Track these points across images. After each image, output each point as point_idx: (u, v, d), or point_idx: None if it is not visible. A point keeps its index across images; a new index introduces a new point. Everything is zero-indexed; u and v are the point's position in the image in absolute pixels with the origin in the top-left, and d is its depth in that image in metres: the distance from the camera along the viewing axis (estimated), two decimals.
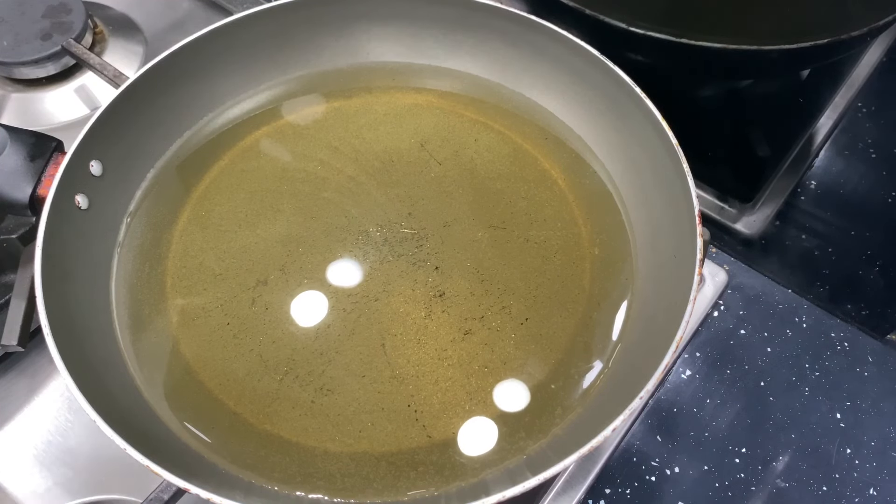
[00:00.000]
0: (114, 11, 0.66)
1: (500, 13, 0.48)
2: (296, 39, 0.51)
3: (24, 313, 0.42)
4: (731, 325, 0.50)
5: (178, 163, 0.48)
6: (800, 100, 0.61)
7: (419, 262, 0.44)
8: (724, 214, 0.57)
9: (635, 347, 0.40)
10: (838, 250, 0.56)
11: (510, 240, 0.45)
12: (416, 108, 0.51)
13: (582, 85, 0.48)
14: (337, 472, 0.37)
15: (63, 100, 0.59)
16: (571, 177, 0.48)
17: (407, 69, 0.53)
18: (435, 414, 0.39)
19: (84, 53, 0.54)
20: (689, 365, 0.48)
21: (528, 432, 0.38)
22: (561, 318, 0.42)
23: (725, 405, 0.47)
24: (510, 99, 0.51)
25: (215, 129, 0.49)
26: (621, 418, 0.33)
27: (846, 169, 0.61)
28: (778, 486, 0.44)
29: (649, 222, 0.45)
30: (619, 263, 0.44)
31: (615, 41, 0.48)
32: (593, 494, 0.43)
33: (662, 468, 0.44)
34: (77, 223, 0.41)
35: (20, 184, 0.41)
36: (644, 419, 0.46)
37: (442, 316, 0.42)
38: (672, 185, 0.42)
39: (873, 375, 0.48)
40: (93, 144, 0.42)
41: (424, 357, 0.40)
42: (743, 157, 0.60)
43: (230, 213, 0.45)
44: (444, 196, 0.46)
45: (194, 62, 0.47)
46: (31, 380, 0.46)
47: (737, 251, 0.54)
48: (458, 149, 0.49)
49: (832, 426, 0.46)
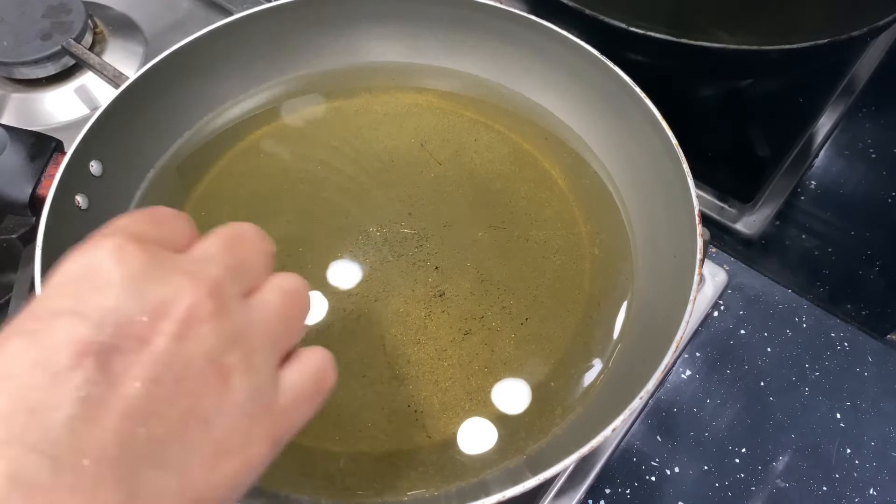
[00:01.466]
0: (114, 11, 0.65)
1: (500, 13, 0.48)
2: (296, 39, 0.51)
3: None
4: (731, 325, 0.50)
5: (178, 163, 0.48)
6: (800, 100, 0.61)
7: (419, 262, 0.44)
8: (724, 214, 0.57)
9: (635, 347, 0.40)
10: (838, 250, 0.57)
11: (510, 240, 0.45)
12: (416, 108, 0.51)
13: (582, 85, 0.48)
14: (337, 472, 0.37)
15: (63, 100, 0.59)
16: (571, 177, 0.48)
17: (407, 69, 0.53)
18: (435, 414, 0.39)
19: (84, 53, 0.54)
20: (689, 365, 0.48)
21: (528, 432, 0.38)
22: (561, 317, 0.42)
23: (725, 405, 0.47)
24: (510, 99, 0.51)
25: (215, 129, 0.49)
26: (621, 418, 0.33)
27: (846, 169, 0.61)
28: (778, 486, 0.44)
29: (649, 222, 0.45)
30: (618, 263, 0.44)
31: (615, 41, 0.48)
32: (593, 494, 0.43)
33: (662, 468, 0.44)
34: (77, 223, 0.41)
35: (20, 184, 0.41)
36: (644, 419, 0.46)
37: (442, 316, 0.42)
38: (672, 185, 0.42)
39: (873, 375, 0.48)
40: (93, 144, 0.42)
41: (424, 357, 0.40)
42: (743, 157, 0.60)
43: (230, 213, 0.45)
44: (444, 196, 0.46)
45: (194, 62, 0.47)
46: None
47: (737, 251, 0.54)
48: (458, 149, 0.49)
49: (832, 426, 0.46)
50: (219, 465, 0.20)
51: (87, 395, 0.18)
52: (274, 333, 0.23)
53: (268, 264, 0.25)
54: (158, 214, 0.25)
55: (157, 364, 0.19)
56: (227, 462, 0.21)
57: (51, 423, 0.18)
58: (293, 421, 0.23)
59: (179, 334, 0.20)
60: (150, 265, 0.21)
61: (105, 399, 0.18)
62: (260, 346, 0.22)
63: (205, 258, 0.23)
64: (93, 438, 0.18)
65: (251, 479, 0.22)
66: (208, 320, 0.21)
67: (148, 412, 0.19)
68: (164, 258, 0.22)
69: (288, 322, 0.24)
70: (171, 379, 0.19)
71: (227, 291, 0.22)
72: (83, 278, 0.20)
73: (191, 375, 0.20)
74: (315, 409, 0.24)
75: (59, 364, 0.18)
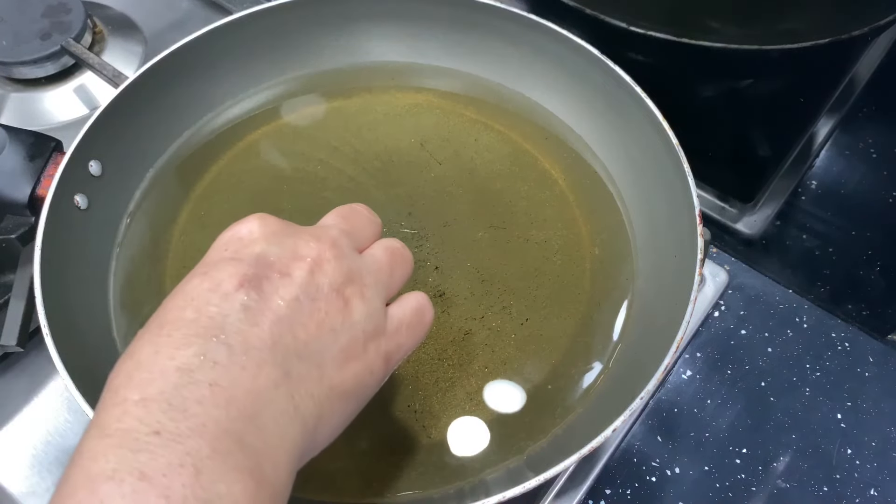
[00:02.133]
0: (113, 11, 0.65)
1: (500, 13, 0.48)
2: (295, 39, 0.51)
3: (24, 314, 0.42)
4: (731, 326, 0.50)
5: (178, 163, 0.48)
6: (800, 99, 0.61)
7: (419, 262, 0.43)
8: (724, 214, 0.57)
9: (635, 347, 0.40)
10: (839, 250, 0.56)
11: (510, 240, 0.45)
12: (416, 107, 0.51)
13: (582, 85, 0.48)
14: (337, 473, 0.37)
15: (62, 99, 0.59)
16: (572, 177, 0.48)
17: (407, 69, 0.53)
18: (435, 414, 0.39)
19: (83, 53, 0.54)
20: (690, 365, 0.48)
21: (528, 432, 0.38)
22: (561, 318, 0.42)
23: (726, 406, 0.47)
24: (510, 99, 0.51)
25: (215, 129, 0.49)
26: (621, 419, 0.33)
27: (847, 169, 0.61)
28: (779, 487, 0.44)
29: (650, 222, 0.44)
30: (619, 263, 0.44)
31: (615, 41, 0.48)
32: (594, 495, 0.43)
33: (663, 469, 0.44)
34: (76, 223, 0.41)
35: (19, 184, 0.41)
36: (644, 420, 0.46)
37: (442, 316, 0.42)
38: (672, 185, 0.42)
39: (874, 376, 0.48)
40: (92, 144, 0.42)
41: (424, 357, 0.40)
42: (743, 157, 0.60)
43: (230, 213, 0.45)
44: (444, 196, 0.46)
45: (194, 62, 0.47)
46: (30, 380, 0.46)
47: (737, 251, 0.54)
48: (458, 149, 0.49)
49: (833, 426, 0.46)
50: (346, 364, 0.27)
51: (248, 307, 0.25)
52: (381, 276, 0.30)
53: (375, 230, 0.33)
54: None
55: (295, 289, 0.26)
56: (352, 364, 0.28)
57: (224, 324, 0.25)
58: (399, 343, 0.30)
59: (311, 270, 0.27)
60: (286, 229, 0.29)
61: (261, 310, 0.25)
62: (371, 283, 0.29)
63: (326, 225, 0.31)
64: (254, 335, 0.25)
65: (372, 384, 0.29)
66: (331, 262, 0.28)
67: (292, 321, 0.26)
68: (295, 228, 0.30)
69: (392, 270, 0.31)
70: (307, 299, 0.27)
71: (343, 245, 0.29)
72: (238, 238, 0.28)
73: (321, 298, 0.27)
74: (418, 338, 0.32)
75: (226, 289, 0.26)
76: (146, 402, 0.22)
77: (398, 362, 0.31)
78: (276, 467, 0.24)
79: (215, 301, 0.25)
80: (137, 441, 0.21)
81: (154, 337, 0.25)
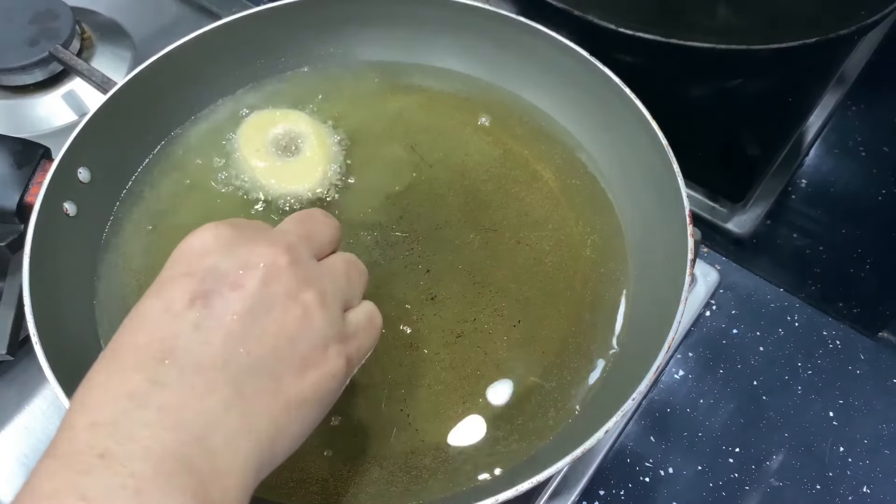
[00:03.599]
0: (101, 17, 0.65)
1: (489, 15, 0.48)
2: (284, 42, 0.51)
3: (13, 322, 0.42)
4: (723, 325, 0.50)
5: (164, 166, 0.47)
6: (789, 99, 0.61)
7: (410, 265, 0.43)
8: (715, 214, 0.57)
9: (627, 348, 0.40)
10: (829, 249, 0.57)
11: (502, 242, 0.45)
12: (406, 109, 0.51)
13: (572, 86, 0.48)
14: (330, 477, 0.37)
15: (51, 106, 0.59)
16: (563, 178, 0.48)
17: (397, 70, 0.53)
18: (428, 417, 0.39)
19: (71, 59, 0.54)
20: (682, 365, 0.48)
21: (521, 435, 0.38)
22: (553, 319, 0.42)
23: (718, 405, 0.47)
24: (501, 100, 0.51)
25: (201, 132, 0.49)
26: (614, 420, 0.33)
27: (836, 167, 0.61)
28: (772, 486, 0.44)
29: (640, 223, 0.45)
30: (610, 264, 0.44)
31: (604, 42, 0.48)
32: (587, 496, 0.43)
33: (656, 469, 0.44)
34: (65, 230, 0.41)
35: (8, 191, 0.41)
36: (637, 420, 0.46)
37: (434, 319, 0.42)
38: (662, 185, 0.42)
39: (865, 373, 0.48)
40: (80, 151, 0.42)
41: (417, 360, 0.40)
42: (733, 157, 0.60)
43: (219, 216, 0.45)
44: (434, 198, 0.46)
45: (183, 67, 0.47)
46: (20, 388, 0.46)
47: (728, 251, 0.54)
48: (449, 151, 0.49)
49: (825, 425, 0.46)
50: (305, 372, 0.27)
51: (199, 325, 0.25)
52: (340, 283, 0.30)
53: (333, 235, 0.33)
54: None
55: (248, 301, 0.26)
56: (312, 372, 0.28)
57: (175, 346, 0.25)
58: (359, 345, 0.31)
59: (263, 279, 0.27)
60: (240, 237, 0.28)
61: (211, 327, 0.26)
62: (330, 289, 0.29)
63: (281, 231, 0.31)
64: (205, 354, 0.25)
65: (334, 388, 0.29)
66: (286, 269, 0.28)
67: (245, 335, 0.26)
68: (250, 234, 0.29)
69: (349, 279, 0.31)
70: (262, 310, 0.27)
71: (299, 251, 0.29)
72: (190, 252, 0.28)
73: (276, 307, 0.27)
74: (373, 341, 0.32)
75: (177, 308, 0.26)
76: (94, 427, 0.23)
77: (357, 365, 0.31)
78: (223, 488, 0.24)
79: (166, 322, 0.26)
80: (82, 463, 0.22)
81: (108, 363, 0.26)
